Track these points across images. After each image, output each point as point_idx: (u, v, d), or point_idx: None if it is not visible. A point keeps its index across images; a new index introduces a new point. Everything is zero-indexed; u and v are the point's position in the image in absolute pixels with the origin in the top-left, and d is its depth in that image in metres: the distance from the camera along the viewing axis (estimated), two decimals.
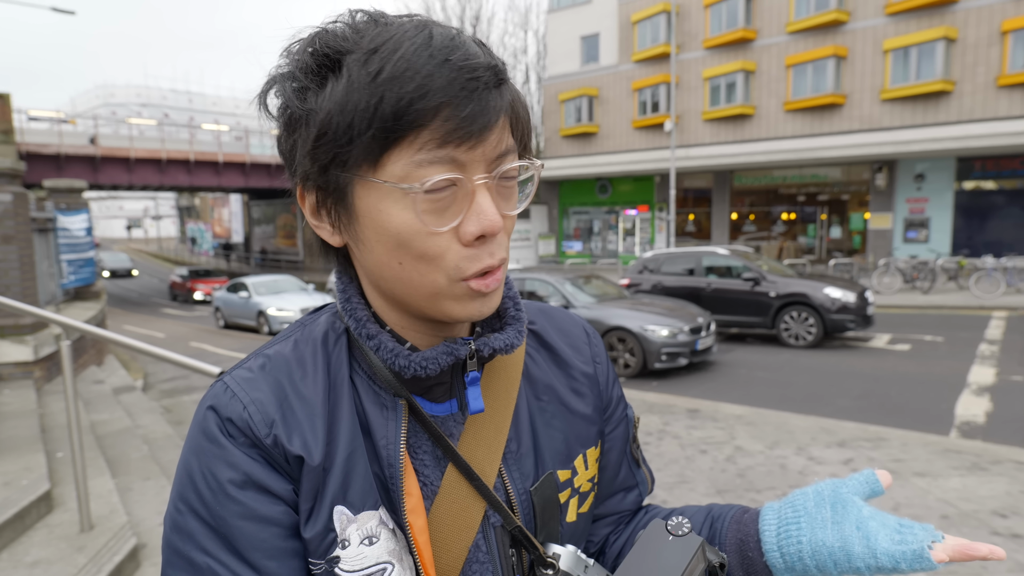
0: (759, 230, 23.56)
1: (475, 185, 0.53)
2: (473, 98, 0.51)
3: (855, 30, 19.91)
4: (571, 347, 0.74)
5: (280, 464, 0.56)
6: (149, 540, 3.22)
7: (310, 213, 0.59)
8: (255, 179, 30.13)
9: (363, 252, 0.58)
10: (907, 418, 5.74)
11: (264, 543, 0.54)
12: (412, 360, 0.58)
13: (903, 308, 12.99)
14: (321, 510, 0.56)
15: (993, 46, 17.75)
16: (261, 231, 40.42)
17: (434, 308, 0.57)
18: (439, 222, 0.53)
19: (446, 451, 0.60)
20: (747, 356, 9.10)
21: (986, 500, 3.73)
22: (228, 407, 0.57)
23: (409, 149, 0.51)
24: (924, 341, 9.49)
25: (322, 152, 0.53)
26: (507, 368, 0.67)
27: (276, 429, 0.56)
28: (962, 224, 19.29)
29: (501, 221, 0.54)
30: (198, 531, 0.54)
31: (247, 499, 0.54)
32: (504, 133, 0.55)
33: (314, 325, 0.64)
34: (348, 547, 0.55)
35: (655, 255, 11.56)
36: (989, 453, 4.50)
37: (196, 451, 0.56)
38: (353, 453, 0.57)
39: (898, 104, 19.18)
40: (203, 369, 2.74)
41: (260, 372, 0.60)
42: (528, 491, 0.64)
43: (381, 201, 0.53)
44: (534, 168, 0.59)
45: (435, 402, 0.62)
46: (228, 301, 15.79)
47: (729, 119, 22.30)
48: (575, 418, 0.70)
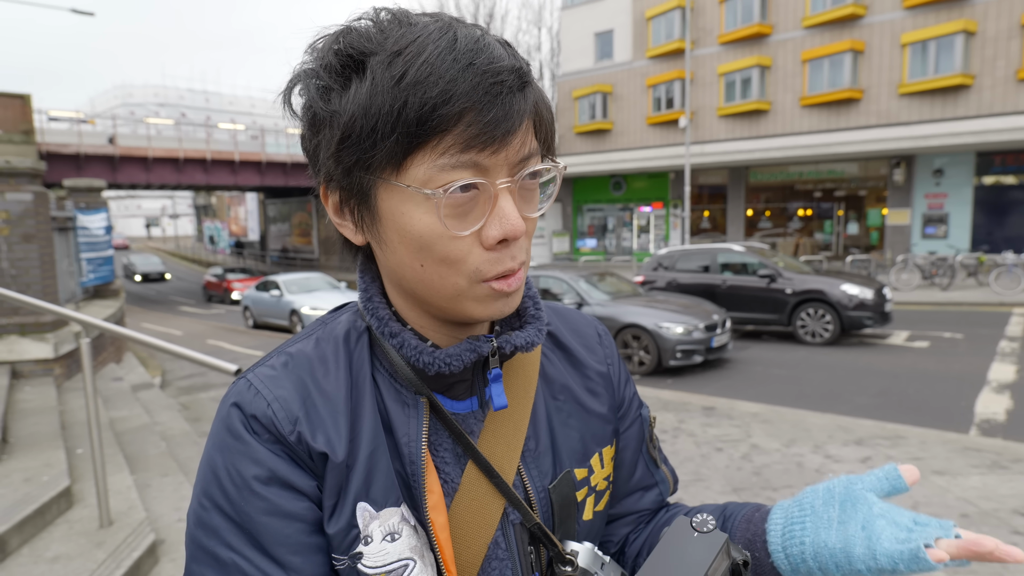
0: (775, 226, 23.34)
1: (498, 189, 0.54)
2: (497, 102, 0.51)
3: (872, 24, 19.63)
4: (585, 347, 0.75)
5: (304, 460, 0.56)
6: (168, 536, 3.26)
7: (333, 211, 0.60)
8: (271, 178, 30.37)
9: (385, 252, 0.58)
10: (926, 416, 5.67)
11: (289, 539, 0.54)
12: (436, 357, 0.59)
13: (921, 305, 12.81)
14: (344, 506, 0.56)
15: (1013, 39, 17.42)
16: (277, 229, 40.75)
17: (455, 308, 0.58)
18: (461, 226, 0.54)
19: (466, 448, 0.61)
20: (763, 353, 9.03)
21: (1007, 499, 3.67)
22: (252, 404, 0.57)
23: (432, 153, 0.51)
24: (943, 338, 9.36)
25: (346, 155, 0.53)
26: (525, 367, 0.67)
27: (300, 426, 0.56)
28: (982, 220, 18.97)
29: (523, 225, 0.55)
30: (223, 527, 0.55)
31: (272, 495, 0.55)
32: (528, 136, 0.55)
33: (335, 323, 0.65)
34: (371, 543, 0.56)
35: (670, 252, 11.50)
36: (1010, 451, 4.43)
37: (220, 448, 0.57)
38: (376, 450, 0.58)
39: (916, 98, 18.89)
40: (219, 366, 2.78)
41: (283, 370, 0.60)
42: (547, 489, 0.64)
43: (403, 204, 0.54)
44: (556, 170, 0.59)
45: (456, 400, 0.63)
46: (258, 300, 15.43)
47: (744, 115, 22.10)
48: (591, 417, 0.71)
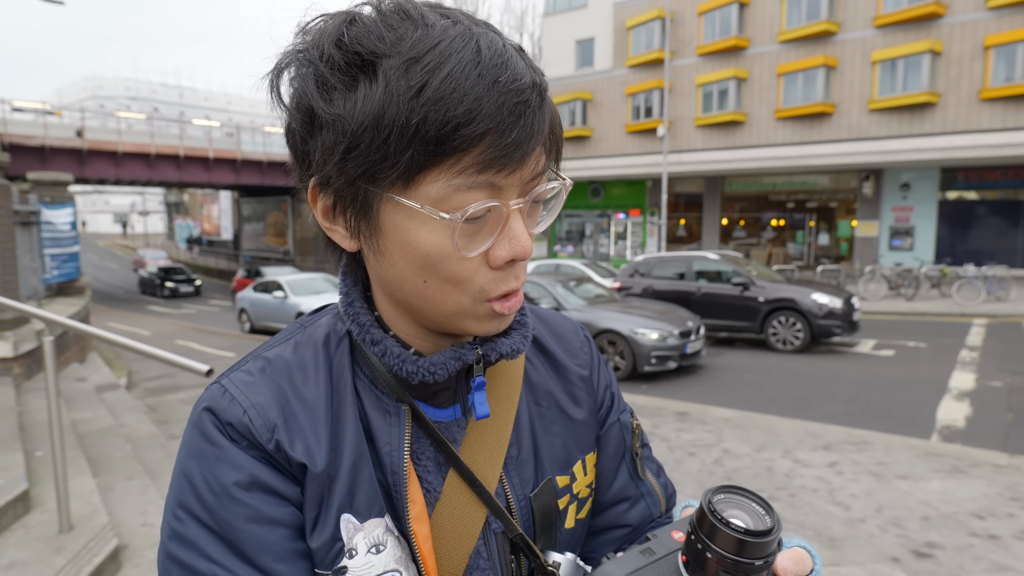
0: (749, 236, 23.75)
1: (510, 210, 0.52)
2: (519, 123, 0.49)
3: (844, 41, 20.15)
4: (567, 352, 0.74)
5: (283, 468, 0.54)
6: (132, 541, 3.17)
7: (322, 215, 0.56)
8: (246, 176, 29.91)
9: (383, 264, 0.56)
10: (891, 422, 5.82)
11: (273, 545, 0.52)
12: (420, 366, 0.57)
13: (888, 314, 13.14)
14: (328, 518, 0.54)
15: (976, 60, 18.05)
16: (251, 228, 40.12)
17: (451, 324, 0.57)
18: (471, 247, 0.52)
19: (448, 457, 0.59)
20: (736, 360, 9.17)
21: (965, 502, 3.79)
22: (227, 411, 0.55)
23: (448, 172, 0.49)
24: (908, 347, 9.62)
25: (351, 166, 0.50)
26: (509, 373, 0.66)
27: (278, 434, 0.54)
28: (945, 233, 19.56)
29: (532, 246, 0.53)
30: (201, 538, 0.52)
31: (254, 501, 0.52)
32: (541, 154, 0.53)
33: (315, 327, 0.63)
34: (355, 556, 0.54)
35: (646, 259, 11.62)
36: (968, 456, 4.57)
37: (195, 455, 0.54)
38: (359, 460, 0.56)
39: (885, 114, 19.43)
40: (190, 366, 2.73)
41: (260, 375, 0.58)
42: (528, 497, 0.63)
43: (410, 220, 0.51)
44: (564, 187, 0.58)
45: (438, 407, 0.61)
46: (258, 302, 14.44)
47: (721, 125, 22.47)
48: (574, 424, 0.69)
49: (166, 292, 27.65)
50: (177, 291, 27.87)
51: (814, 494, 3.98)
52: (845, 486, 4.10)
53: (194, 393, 7.50)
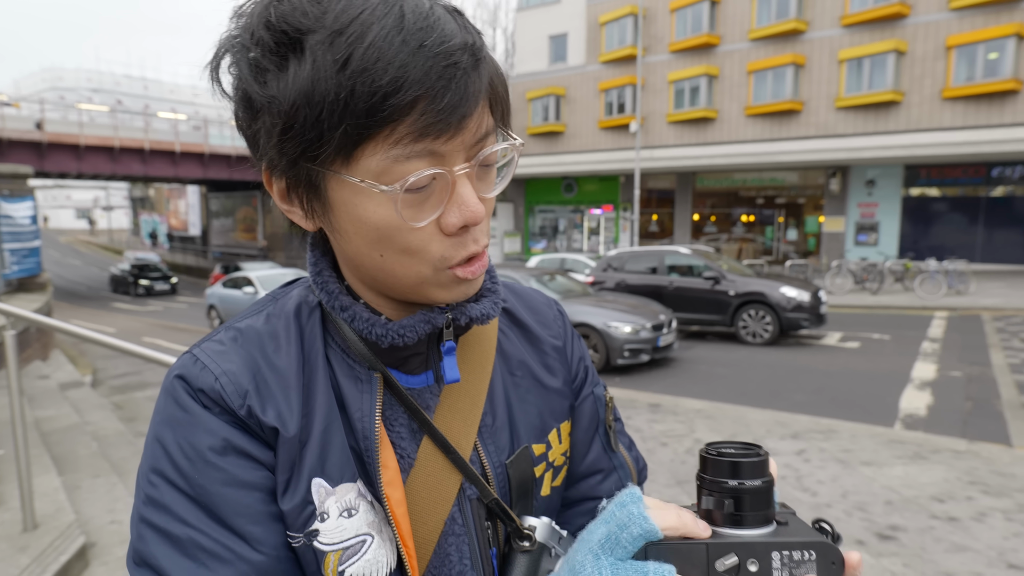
0: (720, 231, 24.13)
1: (455, 176, 0.51)
2: (451, 87, 0.48)
3: (812, 39, 20.55)
4: (541, 324, 0.74)
5: (257, 433, 0.55)
6: (99, 539, 3.12)
7: (279, 198, 0.56)
8: (214, 170, 29.30)
9: (340, 240, 0.56)
10: (856, 411, 5.98)
11: (248, 508, 0.52)
12: (389, 329, 0.57)
13: (853, 308, 13.48)
14: (299, 482, 0.54)
15: (939, 60, 18.57)
16: (220, 224, 39.35)
17: (417, 294, 0.57)
18: (419, 216, 0.51)
19: (422, 424, 0.59)
20: (707, 353, 9.32)
21: (926, 486, 3.92)
22: (199, 378, 0.55)
23: (384, 144, 0.48)
24: (872, 339, 9.88)
25: (290, 146, 0.50)
26: (482, 343, 0.66)
27: (250, 400, 0.55)
28: (908, 229, 20.14)
29: (483, 210, 0.53)
30: (176, 502, 0.52)
31: (228, 465, 0.53)
32: (483, 116, 0.53)
33: (286, 299, 0.63)
34: (327, 520, 0.54)
35: (619, 253, 11.71)
36: (929, 443, 4.73)
37: (169, 422, 0.54)
38: (330, 426, 0.56)
39: (851, 112, 19.88)
40: (161, 359, 2.68)
41: (232, 344, 0.58)
42: (504, 464, 0.63)
43: (356, 195, 0.51)
44: (514, 149, 0.57)
45: (411, 374, 0.62)
46: (228, 299, 14.11)
47: (693, 122, 22.74)
48: (548, 393, 0.70)
49: (140, 290, 26.10)
50: (152, 289, 26.35)
51: (783, 481, 4.08)
52: (812, 473, 4.21)
53: None
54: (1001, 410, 5.91)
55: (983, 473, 4.10)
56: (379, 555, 0.55)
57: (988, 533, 3.31)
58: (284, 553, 0.53)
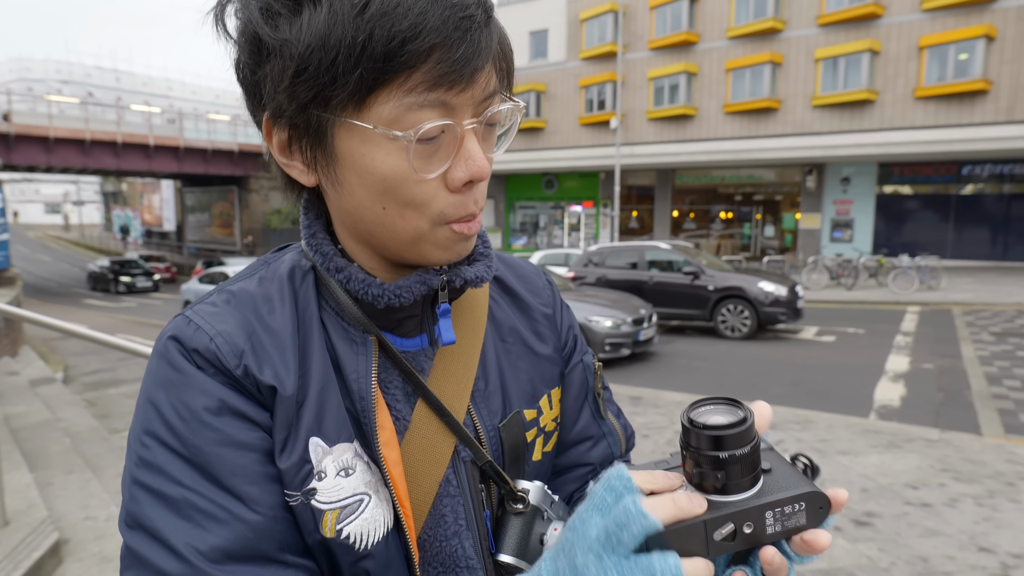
0: (699, 227, 24.37)
1: (464, 130, 0.52)
2: (466, 39, 0.49)
3: (789, 38, 20.82)
4: (531, 291, 0.75)
5: (253, 393, 0.54)
6: (73, 535, 3.07)
7: (279, 150, 0.56)
8: (189, 164, 28.82)
9: (341, 195, 0.56)
10: (832, 402, 6.09)
11: (245, 468, 0.52)
12: (386, 289, 0.57)
13: (829, 303, 13.72)
14: (296, 441, 0.54)
15: (912, 60, 18.95)
16: (195, 219, 38.70)
17: (413, 252, 0.57)
18: (428, 168, 0.52)
19: (416, 386, 0.60)
20: (687, 347, 9.41)
21: (900, 474, 4.01)
22: (193, 338, 0.54)
23: (399, 91, 0.49)
24: (847, 333, 10.07)
25: (301, 90, 0.49)
26: (474, 308, 0.67)
27: (246, 359, 0.54)
28: (882, 225, 20.55)
29: (488, 167, 0.54)
30: (170, 463, 0.51)
31: (224, 425, 0.52)
32: (491, 74, 0.53)
33: (279, 263, 0.63)
34: (324, 479, 0.54)
35: (600, 249, 11.77)
36: (903, 433, 4.84)
37: (162, 383, 0.53)
38: (326, 386, 0.56)
39: (827, 110, 20.20)
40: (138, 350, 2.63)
41: (225, 306, 0.58)
42: (496, 427, 0.64)
43: (365, 144, 0.51)
44: (518, 110, 0.58)
45: (405, 337, 0.62)
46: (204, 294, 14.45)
47: (672, 119, 22.92)
48: (539, 359, 0.71)
49: (121, 288, 24.96)
50: (134, 286, 25.16)
51: None
52: None
53: (137, 387, 7.21)
54: (971, 400, 6.06)
55: (954, 461, 4.21)
56: (376, 514, 0.56)
57: (959, 518, 3.40)
58: (281, 513, 0.53)
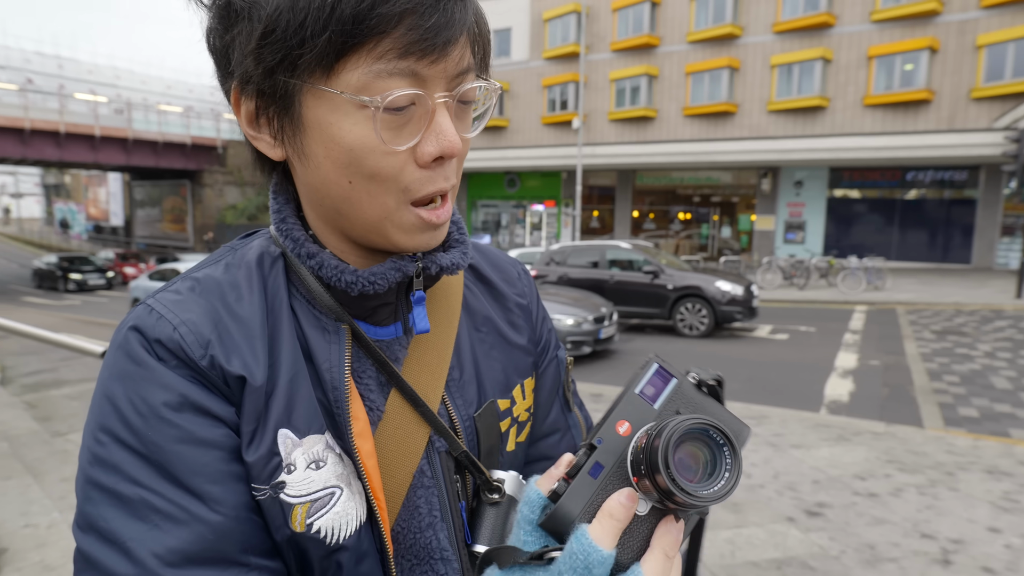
0: (658, 228, 24.78)
1: (435, 103, 0.51)
2: (439, 7, 0.48)
3: (747, 44, 21.37)
4: (505, 281, 0.75)
5: (218, 386, 0.52)
6: (12, 543, 2.92)
7: (247, 122, 0.55)
8: (139, 157, 27.77)
9: (307, 168, 0.54)
10: (785, 398, 6.28)
11: (206, 467, 0.49)
12: (360, 276, 0.56)
13: (782, 302, 14.14)
14: (265, 433, 0.52)
15: (861, 69, 19.70)
16: (145, 214, 37.31)
17: (380, 235, 0.55)
18: (396, 140, 0.50)
19: (390, 376, 0.58)
20: (646, 345, 9.56)
21: (849, 466, 4.16)
22: (155, 328, 0.52)
23: (368, 57, 0.48)
24: (800, 331, 10.40)
25: (268, 53, 0.48)
26: (448, 297, 0.66)
27: (212, 349, 0.52)
28: (832, 228, 21.30)
29: (460, 143, 0.52)
30: (126, 461, 0.49)
31: (184, 421, 0.50)
32: (465, 50, 0.52)
33: (246, 249, 0.60)
34: (294, 471, 0.52)
35: (561, 248, 11.84)
36: (852, 426, 5.02)
37: (119, 376, 0.51)
38: (296, 376, 0.54)
39: (782, 116, 20.82)
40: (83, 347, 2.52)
41: (190, 294, 0.55)
42: (472, 417, 0.63)
43: (333, 113, 0.50)
44: (493, 90, 0.57)
45: (379, 325, 0.60)
46: None
47: (633, 120, 23.24)
48: (512, 348, 0.70)
49: (71, 286, 23.31)
50: (85, 284, 23.49)
51: None
52: (746, 456, 4.38)
53: (81, 388, 6.91)
54: (914, 395, 6.34)
55: (899, 452, 4.39)
56: (348, 508, 0.54)
57: (904, 507, 3.54)
58: (244, 514, 0.51)
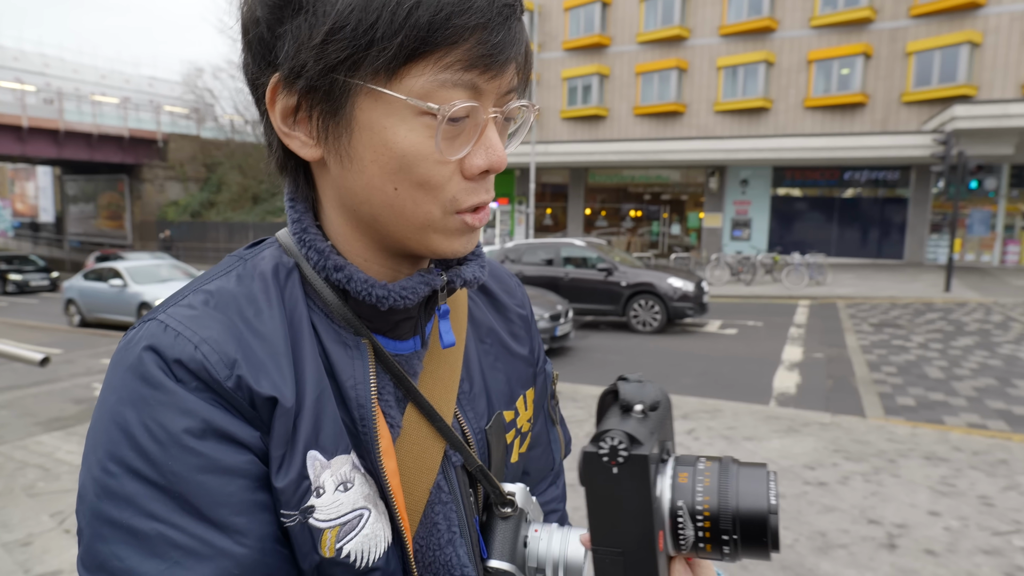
0: (610, 225, 25.14)
1: (488, 117, 0.52)
2: (506, 26, 0.49)
3: (694, 46, 21.90)
4: (506, 292, 0.75)
5: (242, 410, 0.49)
6: None
7: (281, 118, 0.52)
8: (71, 150, 26.33)
9: (349, 172, 0.52)
10: (737, 391, 6.47)
11: (231, 497, 0.47)
12: (391, 291, 0.54)
13: (730, 298, 14.57)
14: (294, 456, 0.50)
15: (801, 72, 20.48)
16: (78, 210, 35.42)
17: (419, 241, 0.54)
18: (451, 150, 0.50)
19: (408, 391, 0.57)
20: (601, 341, 9.69)
21: (799, 456, 4.32)
22: (174, 347, 0.48)
23: (435, 66, 0.47)
24: (748, 326, 10.74)
25: (333, 50, 0.47)
26: (456, 310, 0.66)
27: (239, 370, 0.49)
28: (776, 225, 22.08)
29: (506, 158, 0.53)
30: (141, 494, 0.45)
31: (208, 449, 0.47)
32: (515, 70, 0.53)
33: (257, 259, 0.58)
34: (323, 494, 0.51)
35: (516, 246, 11.87)
36: (800, 418, 5.22)
37: (132, 401, 0.47)
38: (321, 395, 0.53)
39: (728, 116, 21.43)
40: (19, 355, 2.37)
41: (205, 308, 0.52)
42: (484, 430, 0.63)
43: (388, 117, 0.49)
44: (532, 110, 0.58)
45: (399, 339, 0.59)
46: (90, 292, 12.84)
47: (585, 119, 23.49)
48: (515, 360, 0.71)
49: (10, 287, 21.76)
50: (27, 285, 21.90)
51: None
52: (702, 449, 4.50)
53: (10, 396, 6.50)
54: (856, 386, 6.63)
55: (844, 442, 4.58)
56: (376, 529, 0.53)
57: (851, 494, 3.70)
58: (270, 545, 0.49)
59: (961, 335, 9.16)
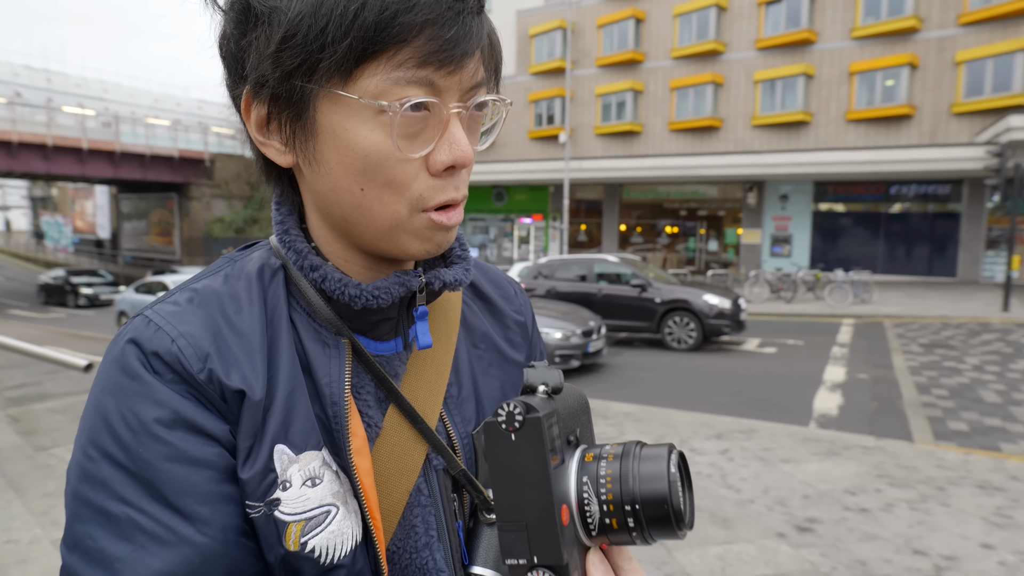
0: (645, 241, 24.89)
1: (450, 113, 0.52)
2: (458, 20, 0.49)
3: (731, 60, 21.66)
4: (504, 298, 0.75)
5: (214, 402, 0.51)
6: None
7: (256, 128, 0.54)
8: (126, 170, 27.56)
9: (318, 175, 0.53)
10: (774, 412, 6.26)
11: (196, 487, 0.48)
12: (364, 290, 0.55)
13: (770, 315, 14.20)
14: (261, 449, 0.51)
15: (843, 84, 20.02)
16: (132, 227, 36.95)
17: (390, 242, 0.55)
18: (411, 147, 0.51)
19: (389, 392, 0.58)
20: (634, 358, 9.53)
21: (839, 480, 4.13)
22: (153, 340, 0.51)
23: (387, 65, 0.48)
24: (788, 345, 10.42)
25: (287, 56, 0.48)
26: (447, 313, 0.66)
27: (211, 363, 0.51)
28: (818, 241, 21.49)
29: (472, 153, 0.53)
30: (114, 478, 0.48)
31: (176, 439, 0.49)
32: (479, 65, 0.53)
33: (246, 260, 0.60)
34: (289, 488, 0.51)
35: (549, 261, 11.84)
36: (841, 440, 5.00)
37: (112, 390, 0.50)
38: (294, 391, 0.53)
39: (766, 130, 21.07)
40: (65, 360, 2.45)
41: (188, 305, 0.54)
42: (471, 435, 0.63)
43: (348, 119, 0.50)
44: (504, 105, 0.58)
45: (379, 340, 0.60)
46: (140, 304, 13.35)
47: (619, 135, 23.42)
48: (510, 366, 0.70)
49: (82, 300, 22.15)
50: (97, 298, 22.21)
51: (708, 479, 4.19)
52: (736, 471, 4.35)
53: (65, 401, 6.77)
54: (903, 409, 6.34)
55: (889, 467, 4.37)
56: (344, 526, 0.53)
57: (895, 522, 3.52)
58: (233, 537, 0.49)
59: (1021, 357, 8.70)
